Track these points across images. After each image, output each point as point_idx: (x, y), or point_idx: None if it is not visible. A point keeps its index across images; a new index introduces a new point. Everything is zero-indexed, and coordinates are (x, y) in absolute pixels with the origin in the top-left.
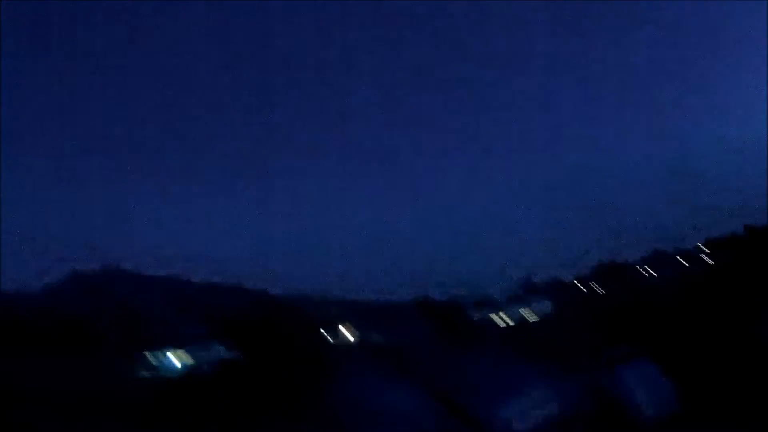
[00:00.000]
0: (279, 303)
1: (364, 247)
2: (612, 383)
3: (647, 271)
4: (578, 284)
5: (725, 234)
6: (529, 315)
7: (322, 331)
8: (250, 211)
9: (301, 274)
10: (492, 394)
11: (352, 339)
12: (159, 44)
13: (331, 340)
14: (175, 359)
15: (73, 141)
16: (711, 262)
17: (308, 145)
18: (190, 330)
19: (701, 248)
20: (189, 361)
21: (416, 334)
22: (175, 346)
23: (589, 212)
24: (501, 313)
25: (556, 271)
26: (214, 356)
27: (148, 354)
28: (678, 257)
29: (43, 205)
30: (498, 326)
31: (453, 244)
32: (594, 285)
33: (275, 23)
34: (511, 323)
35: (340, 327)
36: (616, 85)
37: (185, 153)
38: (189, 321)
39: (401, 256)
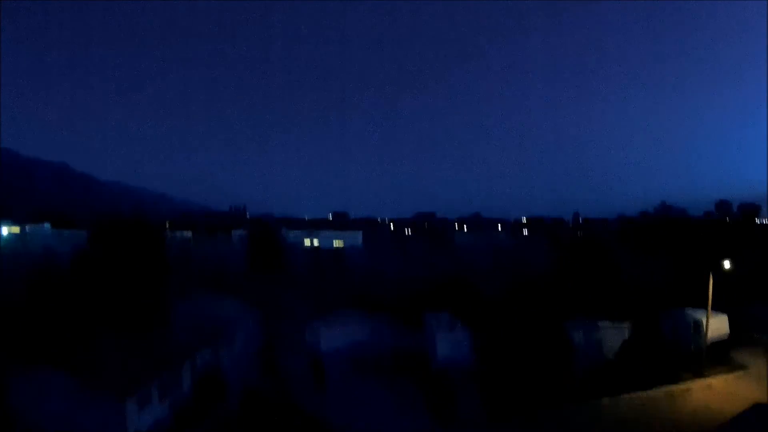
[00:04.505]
0: (105, 191)
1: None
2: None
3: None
4: (391, 224)
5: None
6: (339, 243)
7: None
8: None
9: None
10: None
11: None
12: None
13: (164, 237)
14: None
15: None
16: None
17: None
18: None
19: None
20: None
21: (233, 249)
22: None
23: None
24: (313, 238)
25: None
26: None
27: None
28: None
29: None
30: (307, 249)
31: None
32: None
33: None
34: (318, 245)
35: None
36: None
37: None
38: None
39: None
